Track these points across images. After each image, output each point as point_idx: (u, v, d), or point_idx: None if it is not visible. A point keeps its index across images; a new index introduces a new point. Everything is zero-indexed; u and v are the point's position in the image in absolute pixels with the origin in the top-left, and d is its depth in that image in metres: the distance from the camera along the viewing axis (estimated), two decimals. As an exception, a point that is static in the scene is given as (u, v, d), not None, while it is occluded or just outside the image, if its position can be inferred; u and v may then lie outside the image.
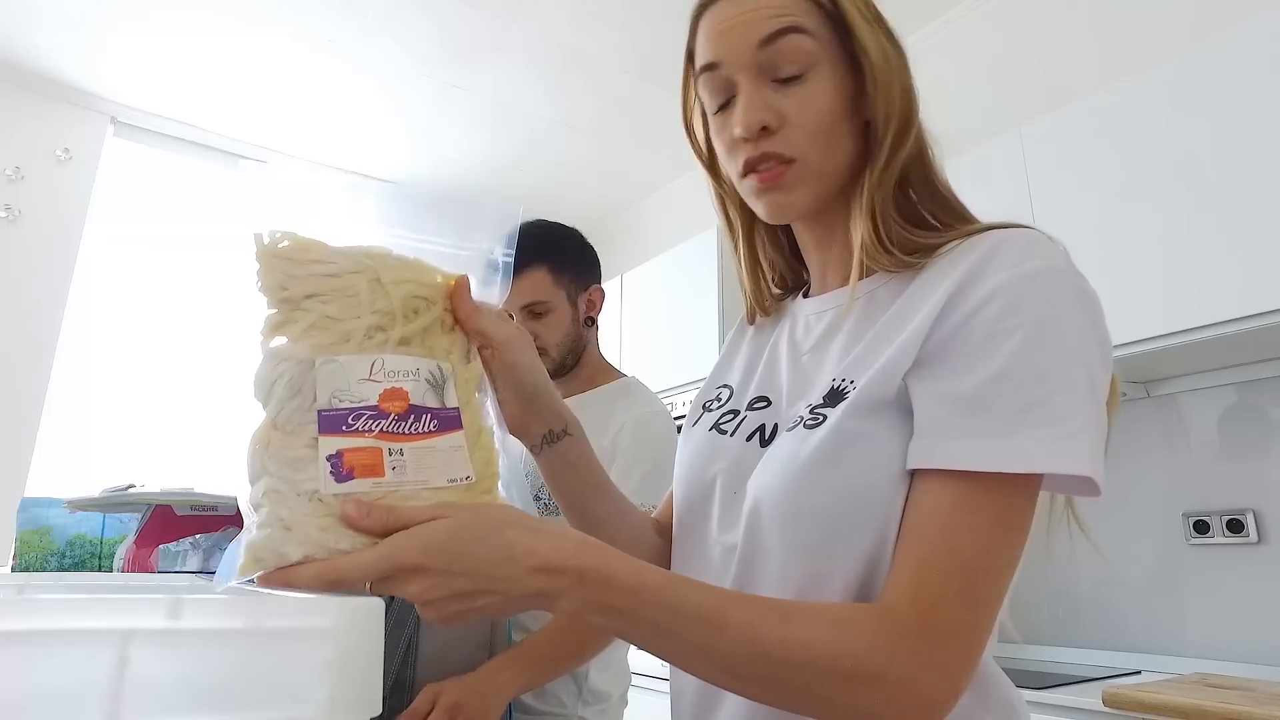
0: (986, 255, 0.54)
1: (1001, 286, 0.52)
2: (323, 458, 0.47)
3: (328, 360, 0.49)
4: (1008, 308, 0.51)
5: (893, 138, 0.61)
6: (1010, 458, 0.49)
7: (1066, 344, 0.51)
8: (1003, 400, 0.50)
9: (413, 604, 0.47)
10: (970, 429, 0.50)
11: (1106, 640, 1.93)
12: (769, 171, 0.61)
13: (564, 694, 1.21)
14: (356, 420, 0.48)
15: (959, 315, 0.53)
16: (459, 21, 2.70)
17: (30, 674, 0.30)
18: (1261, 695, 1.29)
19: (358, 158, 3.62)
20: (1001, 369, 0.50)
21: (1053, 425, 0.49)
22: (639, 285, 3.20)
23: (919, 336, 0.54)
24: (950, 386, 0.52)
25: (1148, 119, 1.75)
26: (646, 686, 2.05)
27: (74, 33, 2.78)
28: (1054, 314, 0.51)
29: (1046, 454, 0.48)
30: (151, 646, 0.32)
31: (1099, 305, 0.55)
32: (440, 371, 0.53)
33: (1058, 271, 0.53)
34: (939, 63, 2.66)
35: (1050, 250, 0.55)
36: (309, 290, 0.50)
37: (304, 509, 0.47)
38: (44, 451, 2.85)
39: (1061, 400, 0.49)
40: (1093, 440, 0.49)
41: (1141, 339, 1.68)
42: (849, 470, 0.54)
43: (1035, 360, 0.50)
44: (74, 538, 1.16)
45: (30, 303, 2.91)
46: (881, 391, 0.54)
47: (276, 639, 0.35)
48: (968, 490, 0.50)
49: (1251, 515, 1.73)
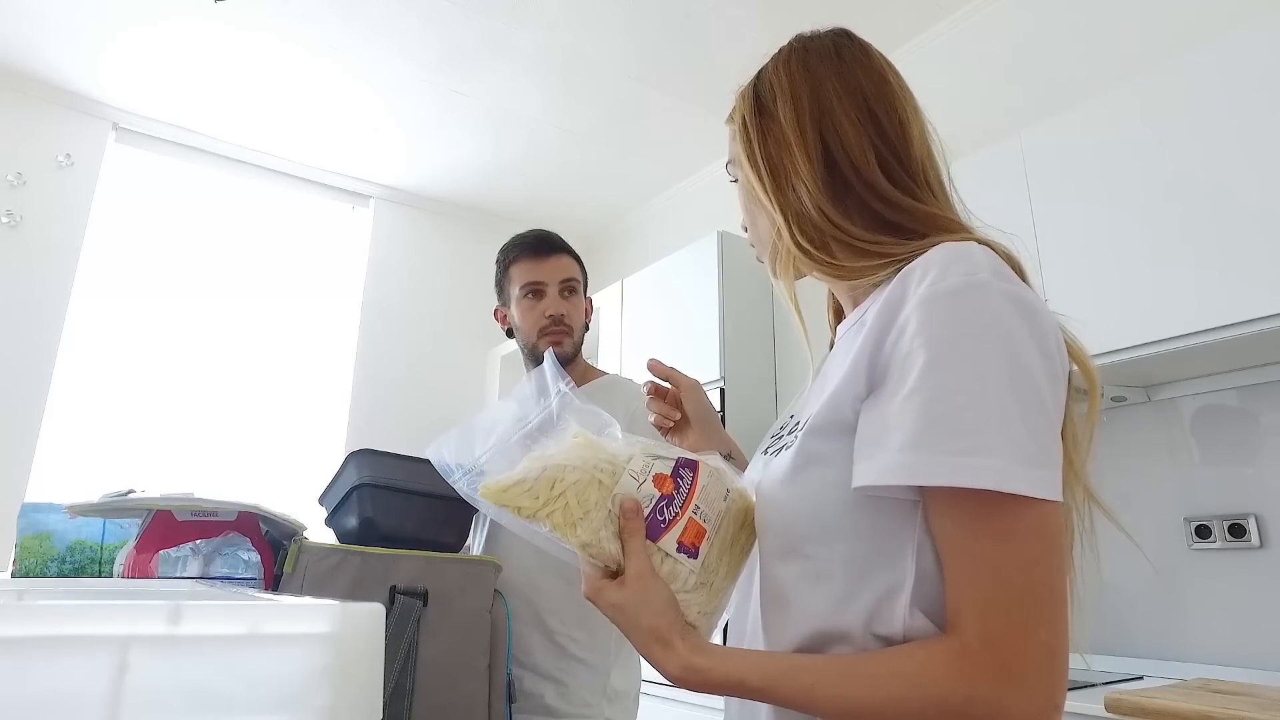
0: (911, 276, 0.57)
1: (918, 305, 0.54)
2: (673, 552, 0.62)
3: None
4: (920, 326, 0.53)
5: (775, 199, 0.69)
6: (911, 473, 0.51)
7: (981, 356, 0.51)
8: (913, 419, 0.52)
9: (413, 610, 0.49)
10: (884, 447, 0.53)
11: (1108, 645, 1.92)
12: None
13: (589, 694, 1.23)
14: (662, 515, 0.63)
15: (890, 339, 0.56)
16: (459, 27, 2.71)
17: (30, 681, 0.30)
18: (1265, 700, 1.29)
19: (358, 163, 3.63)
20: (913, 387, 0.52)
21: (957, 439, 0.50)
22: (640, 290, 3.20)
23: (860, 361, 0.58)
24: (879, 410, 0.55)
25: (1146, 125, 1.75)
26: (652, 693, 2.04)
27: (76, 39, 2.79)
28: (967, 329, 0.52)
29: (950, 469, 0.50)
30: (152, 653, 0.32)
31: (1036, 312, 0.55)
32: (657, 447, 0.69)
33: (978, 286, 0.54)
34: (939, 68, 2.67)
35: (974, 265, 0.55)
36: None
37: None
38: (45, 457, 2.85)
39: (970, 414, 0.50)
40: (1007, 450, 0.50)
41: (1141, 343, 1.68)
42: (803, 489, 0.59)
43: (945, 376, 0.52)
44: (74, 543, 1.15)
45: (31, 308, 2.92)
46: (833, 416, 0.58)
47: (277, 645, 0.35)
48: (975, 512, 0.51)
49: (1253, 520, 1.73)
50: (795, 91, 0.71)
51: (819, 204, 0.66)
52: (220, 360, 3.32)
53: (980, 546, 0.51)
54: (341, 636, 0.36)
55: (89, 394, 3.02)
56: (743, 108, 0.75)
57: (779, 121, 0.71)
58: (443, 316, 3.89)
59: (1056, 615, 0.50)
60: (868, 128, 0.68)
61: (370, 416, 3.52)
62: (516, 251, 1.43)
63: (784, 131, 0.70)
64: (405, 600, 1.05)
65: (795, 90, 0.71)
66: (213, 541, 0.98)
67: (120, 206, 3.23)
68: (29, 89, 3.03)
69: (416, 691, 0.99)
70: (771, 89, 0.73)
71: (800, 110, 0.70)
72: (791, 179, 0.68)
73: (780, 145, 0.70)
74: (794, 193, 0.68)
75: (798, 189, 0.68)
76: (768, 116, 0.72)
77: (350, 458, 1.17)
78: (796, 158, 0.68)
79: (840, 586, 0.57)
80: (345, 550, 1.06)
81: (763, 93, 0.74)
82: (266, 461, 3.28)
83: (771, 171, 0.70)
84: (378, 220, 3.83)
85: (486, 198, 3.93)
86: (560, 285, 1.41)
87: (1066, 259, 1.84)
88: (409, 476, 1.16)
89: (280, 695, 0.34)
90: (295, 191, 3.65)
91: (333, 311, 3.67)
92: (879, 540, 0.56)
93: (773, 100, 0.72)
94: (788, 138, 0.70)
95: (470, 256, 4.00)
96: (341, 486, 1.18)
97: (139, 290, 3.21)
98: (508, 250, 1.46)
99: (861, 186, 0.66)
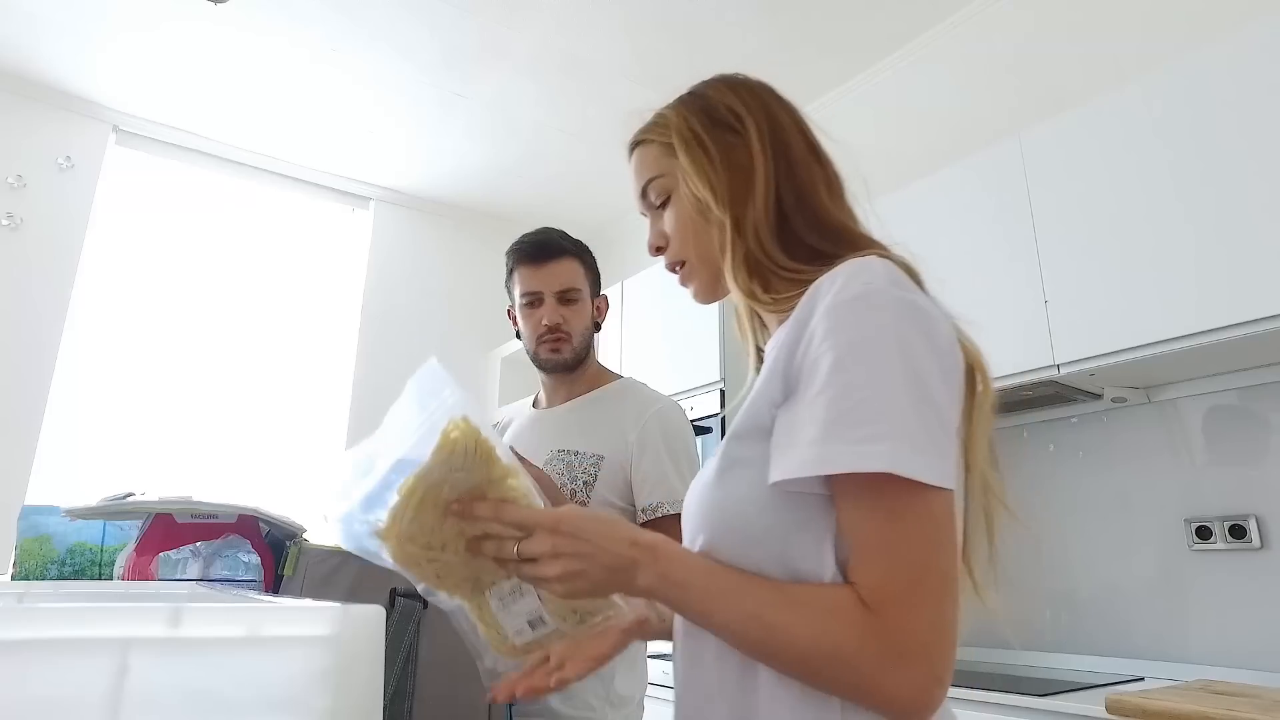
0: (820, 289, 0.62)
1: (823, 314, 0.59)
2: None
3: None
4: (826, 332, 0.58)
5: (730, 231, 0.70)
6: (817, 464, 0.55)
7: (878, 356, 0.56)
8: (820, 415, 0.56)
9: (413, 612, 0.50)
10: (796, 443, 0.57)
11: (1109, 647, 1.92)
12: (678, 274, 0.79)
13: (592, 698, 1.22)
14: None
15: (801, 347, 0.61)
16: (459, 30, 2.71)
17: (30, 683, 0.30)
18: (1266, 701, 1.29)
19: (358, 165, 3.64)
20: (820, 387, 0.57)
21: (856, 429, 0.55)
22: (639, 292, 3.20)
23: (775, 369, 0.62)
24: (793, 412, 0.60)
25: (1148, 126, 1.75)
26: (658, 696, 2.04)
27: (76, 42, 2.80)
28: (866, 332, 0.57)
29: (852, 456, 0.54)
30: (152, 655, 0.32)
31: (928, 315, 0.60)
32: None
33: (875, 293, 0.58)
34: (939, 69, 2.67)
35: (873, 275, 0.60)
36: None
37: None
38: (45, 459, 2.84)
39: (868, 408, 0.55)
40: (900, 439, 0.54)
41: (1142, 344, 1.68)
42: (727, 491, 0.63)
43: (846, 375, 0.56)
44: (74, 545, 1.15)
45: (32, 310, 2.92)
46: (753, 422, 0.63)
47: (277, 647, 0.35)
48: (869, 500, 0.55)
49: (1254, 521, 1.73)
50: (753, 113, 0.72)
51: (765, 238, 0.69)
52: (220, 362, 3.32)
53: (875, 527, 0.55)
54: (342, 639, 0.36)
55: (89, 396, 3.02)
56: (689, 122, 0.74)
57: (742, 139, 0.71)
58: (443, 318, 3.89)
59: (943, 594, 0.54)
60: (813, 158, 0.72)
61: (370, 418, 3.51)
62: (515, 258, 1.41)
63: (748, 147, 0.71)
64: (405, 602, 1.05)
65: (753, 112, 0.72)
66: (213, 544, 0.98)
67: (120, 209, 3.23)
68: (29, 91, 3.03)
69: (417, 694, 0.99)
70: (727, 109, 0.73)
71: (762, 131, 0.71)
72: (748, 206, 0.69)
73: (742, 166, 0.70)
74: (749, 223, 0.69)
75: (755, 219, 0.69)
76: (728, 131, 0.72)
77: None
78: (757, 181, 0.69)
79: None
80: (346, 552, 1.06)
81: (716, 110, 0.73)
82: (267, 463, 3.28)
83: (734, 183, 0.70)
84: (378, 222, 3.83)
85: (486, 199, 3.94)
86: (557, 293, 1.37)
87: (1066, 259, 1.84)
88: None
89: (280, 697, 0.34)
90: (295, 193, 3.65)
91: (332, 313, 3.67)
92: (799, 534, 0.59)
93: (732, 119, 0.72)
94: (751, 154, 0.70)
95: (470, 258, 4.00)
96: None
97: (139, 293, 3.21)
98: (509, 255, 1.43)
99: (802, 213, 0.69)
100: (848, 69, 2.89)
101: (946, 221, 2.11)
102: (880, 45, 2.77)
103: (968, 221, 2.07)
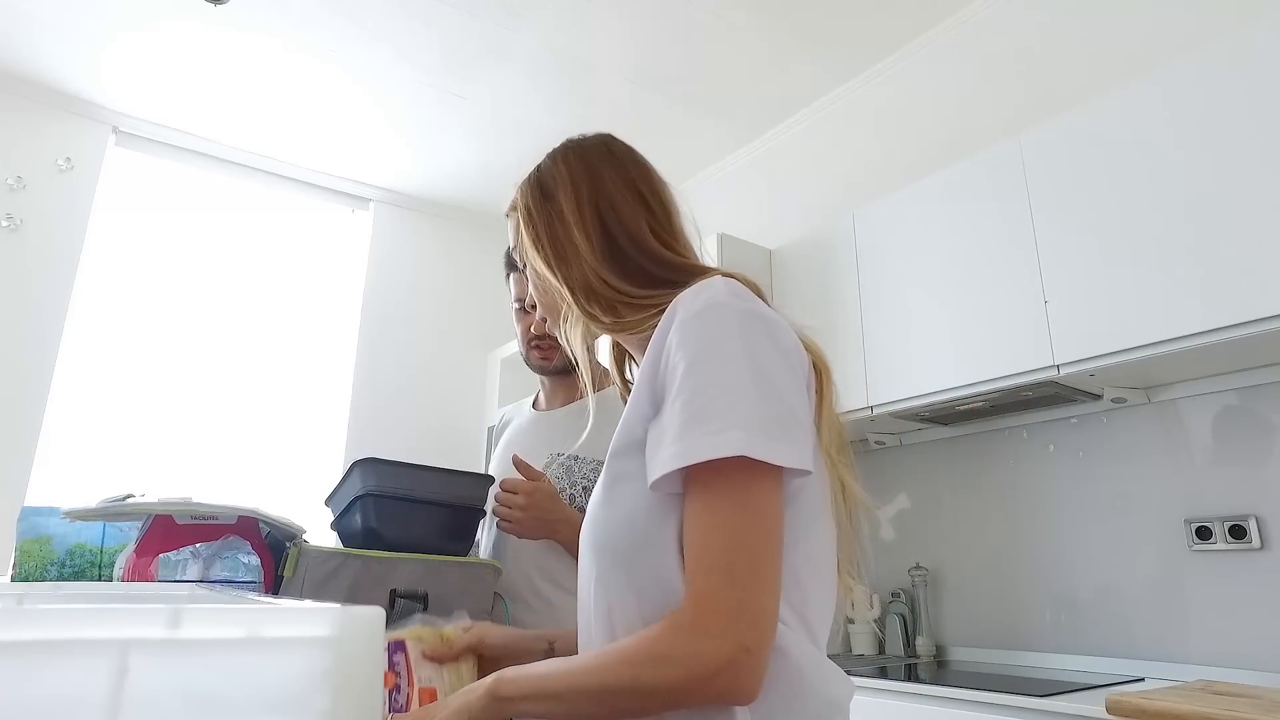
0: (675, 308, 0.68)
1: (675, 329, 0.65)
2: None
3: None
4: (679, 344, 0.64)
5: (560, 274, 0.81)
6: (678, 458, 0.59)
7: (726, 358, 0.62)
8: (678, 416, 0.61)
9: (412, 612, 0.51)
10: (662, 445, 0.62)
11: (1109, 647, 1.92)
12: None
13: None
14: (398, 704, 0.80)
15: (662, 363, 0.66)
16: (459, 31, 2.71)
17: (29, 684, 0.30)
18: (1267, 702, 1.29)
19: (358, 166, 3.64)
20: (677, 392, 0.63)
21: (710, 423, 0.59)
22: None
23: (643, 387, 0.68)
24: (660, 420, 0.64)
25: (1147, 126, 1.75)
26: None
27: (76, 42, 2.80)
28: (713, 340, 0.63)
29: (709, 446, 0.58)
30: (151, 657, 0.32)
31: (768, 320, 0.66)
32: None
33: (719, 305, 0.65)
34: (939, 69, 2.67)
35: (715, 291, 0.66)
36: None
37: None
38: (45, 460, 2.85)
39: (720, 402, 0.60)
40: (752, 427, 0.59)
41: (1142, 344, 1.68)
42: (614, 506, 0.67)
43: (698, 379, 0.62)
44: (74, 547, 1.15)
45: (31, 312, 2.92)
46: (628, 438, 0.67)
47: (276, 649, 0.35)
48: (701, 494, 0.60)
49: (1254, 521, 1.73)
50: (575, 180, 0.83)
51: (600, 274, 0.78)
52: (220, 363, 3.32)
53: (701, 517, 0.60)
54: (341, 640, 0.36)
55: (89, 397, 3.02)
56: (525, 199, 0.86)
57: (560, 206, 0.82)
58: (443, 319, 3.90)
59: (753, 572, 0.58)
60: (638, 205, 0.81)
61: (370, 419, 3.52)
62: (508, 262, 1.42)
63: (565, 214, 0.82)
64: (405, 603, 1.05)
65: (574, 179, 0.83)
66: (212, 545, 0.98)
67: (120, 210, 3.23)
68: (29, 92, 3.03)
69: (417, 695, 0.98)
70: (553, 180, 0.84)
71: (580, 195, 0.82)
72: (573, 255, 0.80)
73: (563, 226, 0.81)
74: (578, 267, 0.79)
75: (580, 264, 0.79)
76: (551, 201, 0.84)
77: (354, 466, 1.16)
78: (575, 235, 0.80)
79: (661, 590, 0.62)
80: (345, 553, 1.06)
81: (545, 183, 0.85)
82: (267, 465, 3.28)
83: (555, 250, 0.81)
84: (378, 223, 3.83)
85: (486, 200, 3.94)
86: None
87: (1066, 260, 1.84)
88: (414, 485, 1.16)
89: (280, 699, 0.34)
90: (295, 194, 3.65)
91: (332, 314, 3.67)
92: (677, 542, 0.62)
93: (555, 188, 0.84)
94: (568, 219, 0.81)
95: (470, 259, 4.01)
96: (346, 494, 1.18)
97: (139, 294, 3.21)
98: (506, 257, 1.43)
99: (637, 252, 0.79)
100: (848, 69, 2.89)
101: (946, 221, 2.11)
102: (880, 45, 2.77)
103: (968, 221, 2.07)
